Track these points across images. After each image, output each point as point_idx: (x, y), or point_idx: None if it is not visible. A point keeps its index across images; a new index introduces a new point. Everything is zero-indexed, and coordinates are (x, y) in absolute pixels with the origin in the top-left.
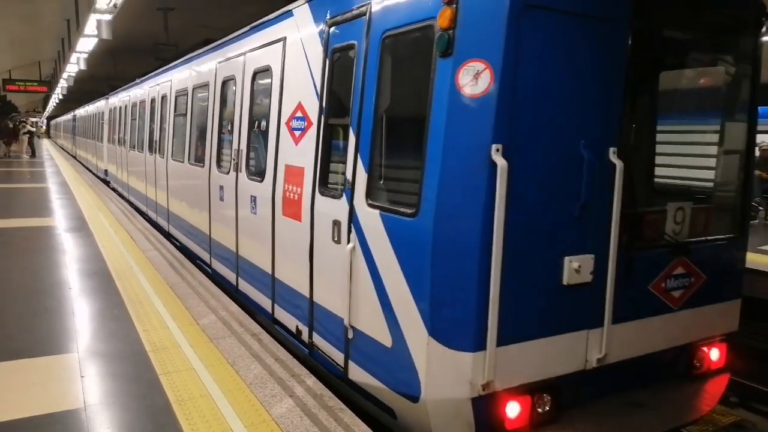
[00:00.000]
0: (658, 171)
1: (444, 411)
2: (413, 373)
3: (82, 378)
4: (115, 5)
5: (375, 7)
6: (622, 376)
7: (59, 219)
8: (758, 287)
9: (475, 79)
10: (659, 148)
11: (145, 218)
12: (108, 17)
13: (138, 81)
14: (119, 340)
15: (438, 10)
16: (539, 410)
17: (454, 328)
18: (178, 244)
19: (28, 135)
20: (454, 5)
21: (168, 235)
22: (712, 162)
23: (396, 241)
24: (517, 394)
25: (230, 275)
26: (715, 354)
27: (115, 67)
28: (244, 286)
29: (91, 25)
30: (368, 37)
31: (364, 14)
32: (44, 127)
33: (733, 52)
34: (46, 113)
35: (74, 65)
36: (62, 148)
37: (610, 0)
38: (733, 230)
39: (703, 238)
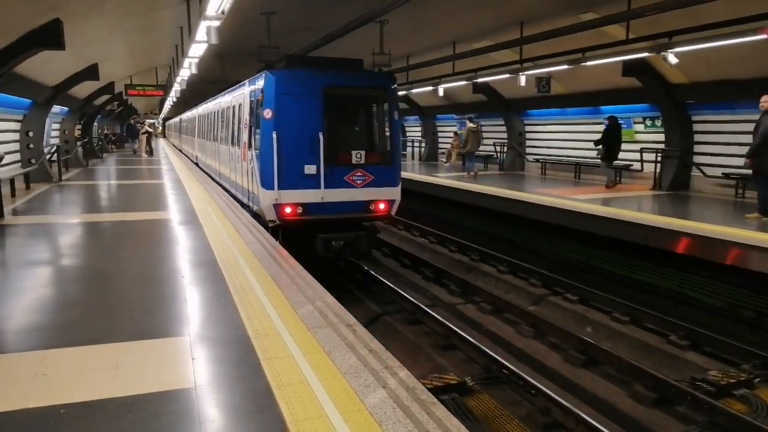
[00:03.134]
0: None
1: (267, 209)
2: (259, 199)
3: (193, 360)
4: (222, 12)
5: (257, 89)
6: (338, 207)
7: (173, 212)
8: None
9: (268, 113)
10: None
11: (212, 179)
12: (216, 23)
13: (209, 100)
14: (225, 326)
15: (260, 94)
16: (298, 211)
17: (266, 183)
18: (224, 187)
19: (146, 135)
20: (262, 94)
21: (220, 185)
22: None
23: (257, 160)
24: (288, 205)
25: (234, 193)
26: (381, 206)
27: (222, 69)
28: (236, 194)
29: (201, 32)
30: (256, 98)
31: (255, 90)
32: (160, 128)
33: (382, 99)
34: (162, 115)
35: (186, 70)
36: (173, 146)
37: (314, 90)
38: (386, 163)
39: (372, 164)
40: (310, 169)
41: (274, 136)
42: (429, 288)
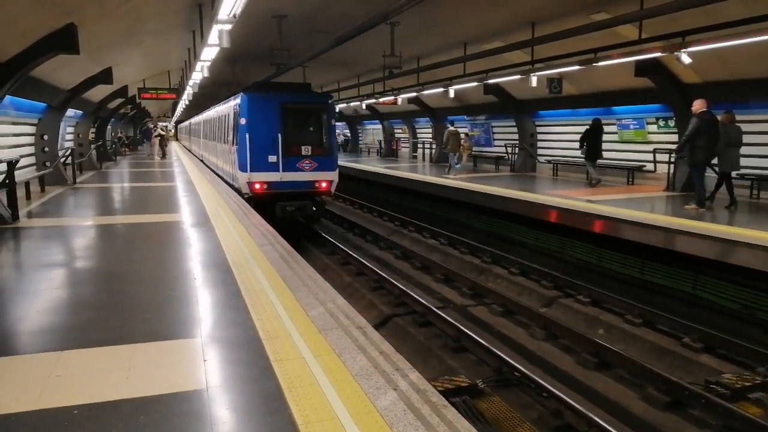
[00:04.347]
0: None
1: (243, 185)
2: (238, 179)
3: (205, 362)
4: (234, 15)
5: (237, 104)
6: (292, 185)
7: (185, 215)
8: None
9: (243, 121)
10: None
11: (213, 172)
12: (228, 27)
13: (209, 109)
14: (237, 327)
15: (238, 108)
16: (264, 187)
17: (242, 168)
18: (218, 175)
19: (158, 138)
20: (239, 107)
21: (216, 174)
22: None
23: (237, 153)
24: (257, 182)
25: (224, 177)
26: (323, 185)
27: (234, 72)
28: (225, 178)
29: (213, 35)
30: (236, 110)
31: (236, 105)
32: (172, 131)
33: (322, 111)
34: (174, 118)
35: (198, 73)
36: (184, 147)
37: (274, 105)
38: (326, 155)
39: (316, 155)
40: (272, 158)
41: (247, 136)
42: (440, 290)
